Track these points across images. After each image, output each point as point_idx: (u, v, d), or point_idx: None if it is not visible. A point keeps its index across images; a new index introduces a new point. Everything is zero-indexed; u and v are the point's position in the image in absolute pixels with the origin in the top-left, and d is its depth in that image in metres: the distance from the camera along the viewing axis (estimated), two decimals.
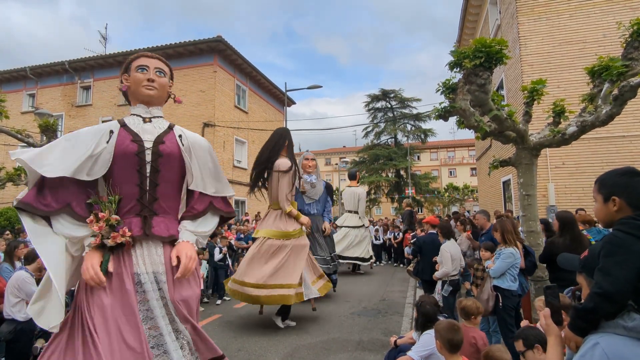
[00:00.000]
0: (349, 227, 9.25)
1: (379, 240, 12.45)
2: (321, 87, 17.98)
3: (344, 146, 54.92)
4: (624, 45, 4.45)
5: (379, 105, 31.87)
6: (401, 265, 10.99)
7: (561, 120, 5.00)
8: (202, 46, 16.48)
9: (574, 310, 1.38)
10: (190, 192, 2.14)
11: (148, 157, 1.97)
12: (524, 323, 3.10)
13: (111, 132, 1.97)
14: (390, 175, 31.42)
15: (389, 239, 12.15)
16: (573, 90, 8.07)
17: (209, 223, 2.14)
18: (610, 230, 1.47)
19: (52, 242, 1.83)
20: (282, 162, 4.75)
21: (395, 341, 3.35)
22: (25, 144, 10.20)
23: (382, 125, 31.60)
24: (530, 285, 4.74)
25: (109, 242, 1.82)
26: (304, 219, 4.97)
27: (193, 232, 2.03)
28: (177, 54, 17.03)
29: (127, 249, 1.88)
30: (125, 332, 1.77)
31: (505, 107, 4.96)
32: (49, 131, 10.80)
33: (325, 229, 6.39)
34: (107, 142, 1.93)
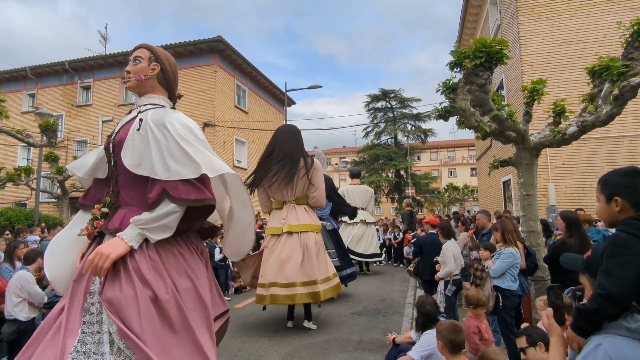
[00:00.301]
0: (368, 223, 9.49)
1: (379, 240, 12.45)
2: (321, 87, 18.00)
3: (344, 146, 54.90)
4: (624, 45, 4.44)
5: (379, 105, 31.89)
6: (401, 265, 10.98)
7: (561, 120, 5.00)
8: (202, 46, 16.48)
9: (577, 311, 1.37)
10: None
11: (110, 148, 1.92)
12: (524, 325, 3.11)
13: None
14: (390, 175, 31.42)
15: (389, 239, 12.15)
16: (573, 90, 8.07)
17: (170, 213, 1.73)
18: (612, 230, 1.46)
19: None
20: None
21: (394, 339, 3.35)
22: (25, 144, 10.20)
23: (382, 125, 31.61)
24: (530, 286, 4.74)
25: (81, 233, 1.90)
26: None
27: (141, 225, 1.71)
28: (177, 54, 17.01)
29: (98, 244, 1.83)
30: (66, 323, 1.65)
31: (506, 107, 4.96)
32: (49, 131, 10.81)
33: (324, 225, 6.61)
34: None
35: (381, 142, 32.06)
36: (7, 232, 7.21)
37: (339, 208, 7.23)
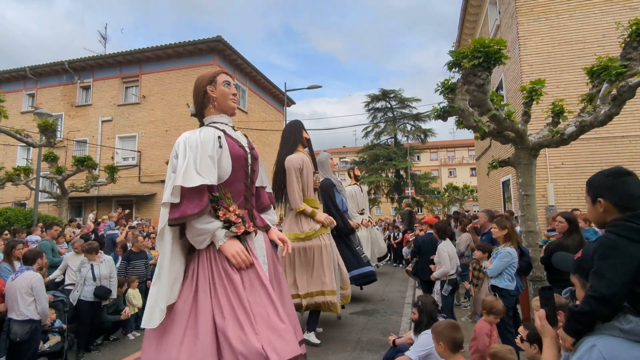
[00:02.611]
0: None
1: None
2: (321, 87, 18.01)
3: (344, 146, 54.87)
4: (623, 45, 4.44)
5: (378, 105, 31.86)
6: (400, 266, 10.99)
7: (560, 120, 5.00)
8: (201, 46, 16.48)
9: (570, 313, 1.38)
10: (256, 189, 2.52)
11: (249, 160, 2.36)
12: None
13: (219, 137, 2.22)
14: (390, 175, 31.40)
15: (388, 239, 12.16)
16: (572, 90, 8.07)
17: (273, 213, 2.63)
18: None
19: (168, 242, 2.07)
20: (290, 157, 4.35)
21: (394, 341, 3.35)
22: (25, 144, 10.20)
23: (382, 125, 31.57)
24: (529, 286, 4.74)
25: (239, 232, 2.13)
26: (321, 216, 4.46)
27: (270, 221, 2.53)
28: (177, 54, 17.03)
29: (249, 238, 2.26)
30: (262, 299, 2.06)
31: (504, 106, 4.96)
32: (48, 131, 10.80)
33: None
34: (220, 146, 2.20)
35: (381, 142, 32.04)
36: (6, 232, 7.20)
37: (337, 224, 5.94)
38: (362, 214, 8.39)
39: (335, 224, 4.78)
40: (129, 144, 17.60)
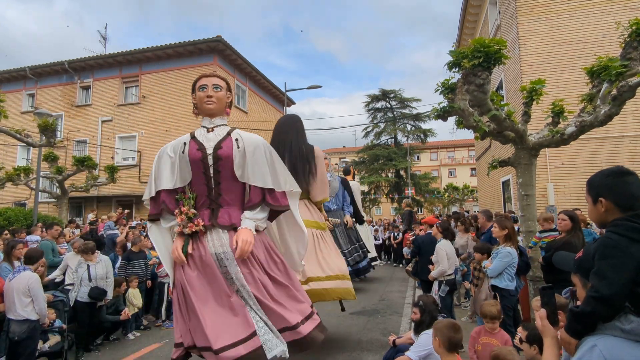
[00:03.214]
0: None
1: (379, 240, 12.46)
2: (321, 87, 18.04)
3: (344, 146, 54.85)
4: (623, 45, 4.44)
5: (378, 105, 31.81)
6: (400, 266, 10.99)
7: (560, 120, 5.00)
8: (201, 46, 16.48)
9: (571, 313, 1.37)
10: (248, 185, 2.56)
11: (210, 161, 2.45)
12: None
13: (185, 144, 2.51)
14: (390, 175, 31.37)
15: (388, 239, 12.16)
16: (572, 90, 8.06)
17: (264, 211, 2.53)
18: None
19: (160, 233, 2.63)
20: (318, 147, 4.17)
21: (394, 341, 3.35)
22: (24, 144, 10.19)
23: (382, 125, 31.53)
24: (529, 286, 4.74)
25: (187, 231, 2.41)
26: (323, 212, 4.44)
27: (251, 219, 2.46)
28: (176, 54, 17.03)
29: (202, 235, 2.44)
30: (215, 292, 2.37)
31: (504, 106, 4.96)
32: (48, 131, 10.79)
33: (347, 221, 6.57)
34: (183, 152, 2.48)
35: (381, 142, 32.01)
36: (6, 232, 7.19)
37: (357, 213, 7.29)
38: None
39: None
40: (129, 144, 17.60)
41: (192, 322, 2.34)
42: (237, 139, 2.52)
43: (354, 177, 9.80)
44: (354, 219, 7.19)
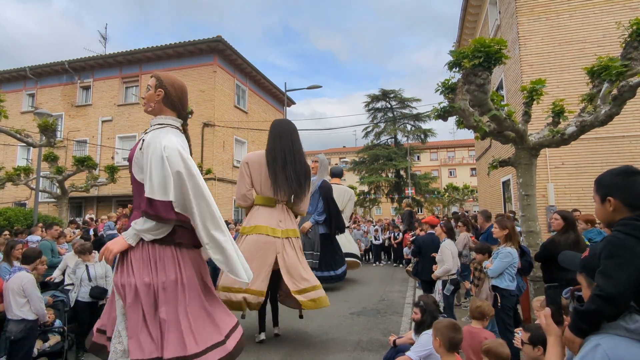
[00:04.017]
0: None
1: (379, 240, 12.46)
2: (321, 87, 17.99)
3: (344, 146, 54.85)
4: (623, 45, 4.44)
5: (378, 105, 31.84)
6: (400, 266, 10.98)
7: (560, 120, 4.99)
8: (201, 46, 16.47)
9: (575, 312, 1.36)
10: None
11: (129, 164, 2.40)
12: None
13: None
14: (390, 175, 31.38)
15: (388, 239, 12.15)
16: (573, 90, 8.06)
17: (148, 222, 2.20)
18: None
19: None
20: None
21: (394, 341, 3.34)
22: (25, 144, 10.18)
23: (382, 125, 31.55)
24: (530, 286, 4.73)
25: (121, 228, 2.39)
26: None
27: (134, 228, 2.23)
28: (176, 54, 17.03)
29: None
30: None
31: (505, 106, 4.95)
32: (48, 131, 10.78)
33: (304, 228, 6.31)
34: None
35: (381, 142, 32.03)
36: (6, 232, 7.18)
37: (336, 222, 6.94)
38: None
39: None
40: (129, 143, 17.59)
41: (197, 323, 2.28)
42: (144, 140, 2.34)
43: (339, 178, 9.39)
44: (336, 229, 7.02)
